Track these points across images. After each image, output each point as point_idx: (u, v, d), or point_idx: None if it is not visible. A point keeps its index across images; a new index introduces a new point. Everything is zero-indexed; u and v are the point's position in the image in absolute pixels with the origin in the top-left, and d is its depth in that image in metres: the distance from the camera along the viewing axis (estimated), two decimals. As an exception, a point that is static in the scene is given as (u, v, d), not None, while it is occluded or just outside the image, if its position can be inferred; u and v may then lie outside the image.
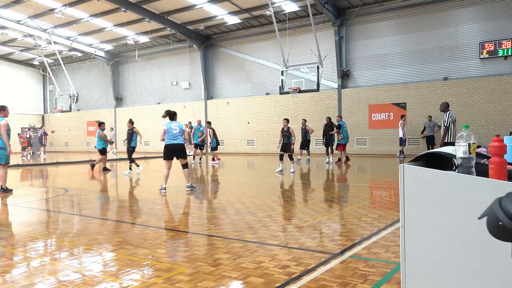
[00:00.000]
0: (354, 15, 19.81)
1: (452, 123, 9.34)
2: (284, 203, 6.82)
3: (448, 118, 9.30)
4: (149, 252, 3.96)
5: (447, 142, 9.32)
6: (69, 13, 21.93)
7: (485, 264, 1.61)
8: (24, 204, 7.34)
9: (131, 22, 22.75)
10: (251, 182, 10.44)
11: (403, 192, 1.86)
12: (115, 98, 30.08)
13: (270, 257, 3.71)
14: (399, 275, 2.97)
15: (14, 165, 17.07)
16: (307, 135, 16.81)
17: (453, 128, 9.37)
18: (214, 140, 16.70)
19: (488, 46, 16.96)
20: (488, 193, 1.60)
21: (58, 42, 26.09)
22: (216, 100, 25.32)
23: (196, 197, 7.89)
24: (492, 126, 17.06)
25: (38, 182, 11.83)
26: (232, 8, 20.99)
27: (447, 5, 18.05)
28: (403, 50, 19.18)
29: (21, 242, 4.47)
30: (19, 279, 3.27)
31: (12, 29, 24.59)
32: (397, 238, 4.22)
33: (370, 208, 6.16)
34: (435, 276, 1.76)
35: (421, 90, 18.66)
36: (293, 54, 19.42)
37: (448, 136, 9.30)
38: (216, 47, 25.33)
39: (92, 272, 3.40)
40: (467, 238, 1.65)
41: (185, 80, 26.59)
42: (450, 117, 9.29)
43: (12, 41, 27.62)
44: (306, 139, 16.81)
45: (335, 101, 20.96)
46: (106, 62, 29.65)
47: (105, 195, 8.63)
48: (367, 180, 10.59)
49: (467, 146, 1.78)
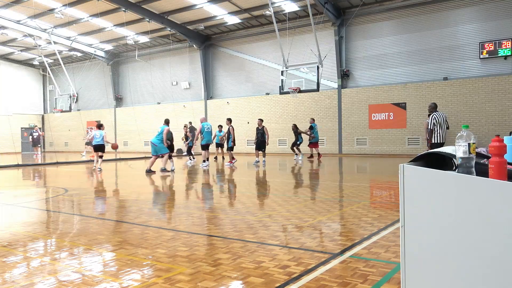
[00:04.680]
0: (354, 15, 19.81)
1: (438, 124, 9.55)
2: (284, 203, 6.82)
3: (431, 120, 9.58)
4: (149, 252, 3.96)
5: (435, 143, 9.57)
6: (69, 13, 21.94)
7: (485, 264, 1.61)
8: (24, 204, 7.34)
9: (131, 22, 22.76)
10: (252, 182, 10.44)
11: (403, 192, 1.86)
12: (115, 98, 30.08)
13: (270, 257, 3.71)
14: (399, 275, 2.97)
15: (14, 165, 17.07)
16: (264, 135, 15.91)
17: (439, 129, 9.58)
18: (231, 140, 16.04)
19: (488, 46, 16.97)
20: (488, 193, 1.60)
21: (58, 42, 26.09)
22: (216, 100, 25.32)
23: (196, 197, 7.89)
24: (492, 126, 17.07)
25: (38, 182, 11.83)
26: (232, 8, 21.00)
27: (447, 5, 18.06)
28: (403, 50, 19.19)
29: (21, 242, 4.47)
30: (19, 279, 3.27)
31: (12, 29, 24.59)
32: (397, 238, 4.22)
33: (370, 208, 6.17)
34: (435, 276, 1.76)
35: (421, 90, 18.66)
36: (293, 54, 19.43)
37: (434, 137, 9.59)
38: (216, 47, 25.33)
39: (92, 272, 3.40)
40: (467, 238, 1.65)
41: (185, 80, 26.60)
42: (434, 119, 9.54)
43: (12, 41, 27.62)
44: (263, 139, 15.91)
45: (335, 101, 20.97)
46: (106, 62, 29.64)
47: (105, 195, 8.63)
48: (367, 180, 10.59)
49: (467, 146, 1.78)
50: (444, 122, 9.67)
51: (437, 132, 9.57)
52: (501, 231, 1.57)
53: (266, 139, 15.85)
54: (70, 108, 26.42)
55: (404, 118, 19.13)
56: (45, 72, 32.34)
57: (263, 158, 16.13)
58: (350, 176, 11.80)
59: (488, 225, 1.60)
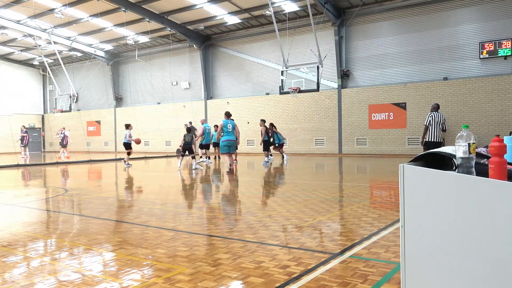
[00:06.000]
0: (354, 15, 19.81)
1: (434, 123, 9.80)
2: (284, 203, 6.82)
3: (428, 118, 9.89)
4: (149, 252, 3.96)
5: (428, 141, 9.89)
6: (69, 13, 21.94)
7: (485, 264, 1.61)
8: (24, 204, 7.34)
9: (131, 22, 22.76)
10: (251, 182, 10.44)
11: (403, 192, 1.86)
12: (115, 98, 30.08)
13: (270, 257, 3.71)
14: (399, 275, 2.98)
15: (14, 165, 17.08)
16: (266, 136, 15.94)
17: (433, 128, 9.81)
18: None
19: (488, 46, 16.97)
20: (488, 193, 1.60)
21: (58, 42, 26.09)
22: (216, 100, 25.32)
23: (196, 197, 7.89)
24: (492, 126, 17.07)
25: (38, 182, 11.83)
26: (232, 8, 21.00)
27: (446, 5, 18.06)
28: (403, 50, 19.19)
29: (21, 242, 4.47)
30: (19, 279, 3.27)
31: (12, 29, 24.58)
32: (397, 238, 4.22)
33: (370, 208, 6.17)
34: (435, 276, 1.76)
35: (421, 90, 18.67)
36: (293, 54, 19.43)
37: (428, 135, 9.88)
38: (216, 47, 25.33)
39: (92, 272, 3.40)
40: (467, 238, 1.66)
41: (185, 80, 26.60)
42: (431, 117, 9.84)
43: (12, 41, 27.62)
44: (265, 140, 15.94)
45: (335, 101, 20.97)
46: (106, 62, 29.65)
47: (105, 195, 8.63)
48: (367, 180, 10.59)
49: (467, 146, 1.78)
50: (440, 123, 9.88)
51: (430, 130, 9.85)
52: (501, 231, 1.57)
53: (265, 139, 16.03)
54: (70, 108, 26.42)
55: (404, 118, 19.13)
56: (45, 72, 32.34)
57: (266, 158, 16.29)
58: (350, 176, 11.80)
59: (488, 225, 1.60)
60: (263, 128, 16.01)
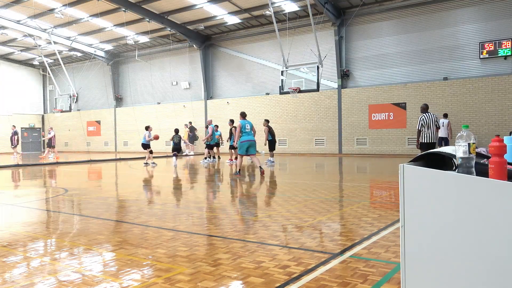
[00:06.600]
0: (354, 15, 19.82)
1: (426, 126, 9.94)
2: (284, 203, 6.82)
3: (419, 122, 10.04)
4: (149, 252, 3.96)
5: (423, 143, 10.01)
6: (69, 13, 21.94)
7: (485, 264, 1.61)
8: (24, 204, 7.34)
9: (131, 22, 22.77)
10: (252, 182, 10.45)
11: (403, 192, 1.86)
12: (115, 98, 30.09)
13: (270, 257, 3.71)
14: (399, 275, 2.98)
15: (14, 165, 17.08)
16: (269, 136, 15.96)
17: (426, 130, 9.96)
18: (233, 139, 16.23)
19: (488, 46, 16.97)
20: (488, 193, 1.60)
21: (58, 42, 26.09)
22: (216, 100, 25.32)
23: (196, 197, 7.89)
24: (492, 126, 17.07)
25: (38, 182, 11.83)
26: (232, 8, 21.00)
27: (447, 5, 18.06)
28: (403, 50, 19.19)
29: (21, 242, 4.47)
30: (19, 279, 3.27)
31: (12, 29, 24.59)
32: (397, 238, 4.22)
33: (370, 208, 6.17)
34: (435, 276, 1.76)
35: (421, 90, 18.67)
36: (293, 54, 19.43)
37: (422, 137, 10.03)
38: (216, 47, 25.33)
39: (92, 272, 3.40)
40: (467, 238, 1.66)
41: (185, 80, 26.60)
42: (422, 120, 9.97)
43: (12, 41, 27.63)
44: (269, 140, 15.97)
45: (335, 101, 20.97)
46: (106, 62, 29.65)
47: (105, 195, 8.63)
48: (367, 180, 10.59)
49: (467, 146, 1.78)
50: (432, 123, 9.99)
51: (424, 133, 9.99)
52: (501, 231, 1.57)
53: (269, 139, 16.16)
54: (70, 108, 26.43)
55: (404, 118, 19.13)
56: (45, 72, 32.35)
57: (270, 158, 16.42)
58: (350, 176, 11.80)
59: (488, 225, 1.60)
60: (266, 128, 16.02)
